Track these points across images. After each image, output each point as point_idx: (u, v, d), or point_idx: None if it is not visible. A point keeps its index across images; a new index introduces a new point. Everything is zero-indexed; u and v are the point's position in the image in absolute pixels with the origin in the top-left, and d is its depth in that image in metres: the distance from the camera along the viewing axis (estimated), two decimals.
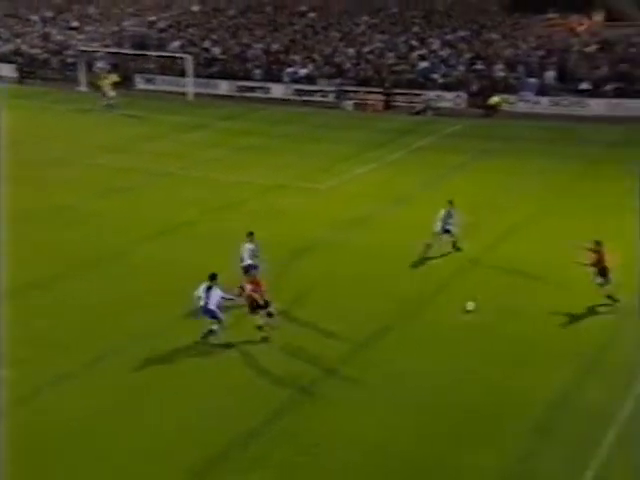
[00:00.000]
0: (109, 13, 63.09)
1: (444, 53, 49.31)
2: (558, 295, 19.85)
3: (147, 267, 22.08)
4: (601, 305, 19.12)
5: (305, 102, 48.54)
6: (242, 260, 19.40)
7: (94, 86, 48.59)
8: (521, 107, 44.49)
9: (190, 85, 50.24)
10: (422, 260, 22.30)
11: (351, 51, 51.86)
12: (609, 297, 19.11)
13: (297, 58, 52.07)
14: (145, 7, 63.65)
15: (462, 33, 51.57)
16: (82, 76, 52.22)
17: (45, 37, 60.13)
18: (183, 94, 50.03)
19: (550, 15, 51.49)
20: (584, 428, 14.33)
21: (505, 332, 18.10)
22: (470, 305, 18.97)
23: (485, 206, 26.97)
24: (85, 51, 53.80)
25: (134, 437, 14.24)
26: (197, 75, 51.19)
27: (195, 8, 62.16)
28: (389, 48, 51.38)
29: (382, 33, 53.72)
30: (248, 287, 17.40)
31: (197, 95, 49.84)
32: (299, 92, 49.84)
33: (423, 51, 49.93)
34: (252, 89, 50.97)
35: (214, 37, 56.67)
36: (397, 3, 57.80)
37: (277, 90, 50.45)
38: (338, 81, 49.00)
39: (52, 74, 55.30)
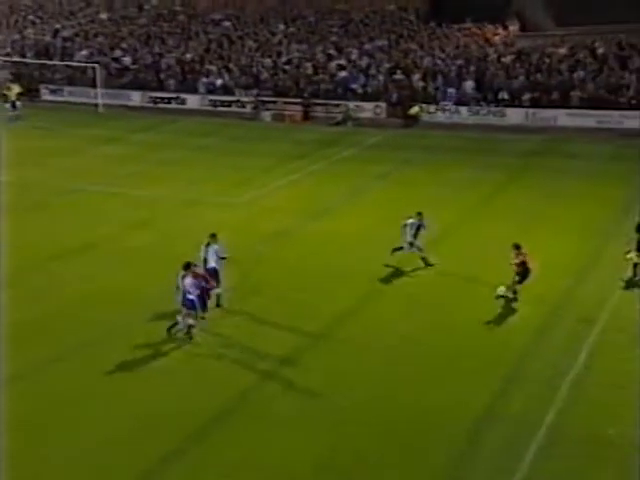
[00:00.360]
0: (9, 20, 61.80)
1: (363, 63, 50.24)
2: (481, 305, 20.54)
3: (53, 288, 21.87)
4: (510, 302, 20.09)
5: (222, 113, 48.69)
6: (206, 262, 20.04)
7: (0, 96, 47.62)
8: (441, 117, 45.68)
9: (100, 96, 49.74)
10: (344, 274, 22.72)
11: (268, 61, 52.26)
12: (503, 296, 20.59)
13: (213, 68, 52.16)
14: (48, 15, 62.60)
15: (380, 43, 52.64)
16: None
17: None
18: (93, 105, 49.48)
19: (467, 25, 53.11)
20: (510, 437, 14.93)
21: (431, 344, 18.63)
22: (501, 290, 20.32)
23: (405, 217, 27.53)
24: None
25: (102, 424, 15.20)
26: (107, 86, 50.81)
27: (103, 16, 61.52)
28: (307, 58, 52.03)
29: (299, 42, 54.35)
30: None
31: (108, 107, 49.43)
32: (215, 103, 49.96)
33: (342, 61, 50.76)
34: (166, 100, 50.86)
35: (124, 46, 56.24)
36: (314, 12, 58.57)
37: (192, 101, 50.47)
38: (255, 92, 49.33)
39: None
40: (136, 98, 51.20)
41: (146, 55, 54.80)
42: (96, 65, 50.53)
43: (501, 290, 20.50)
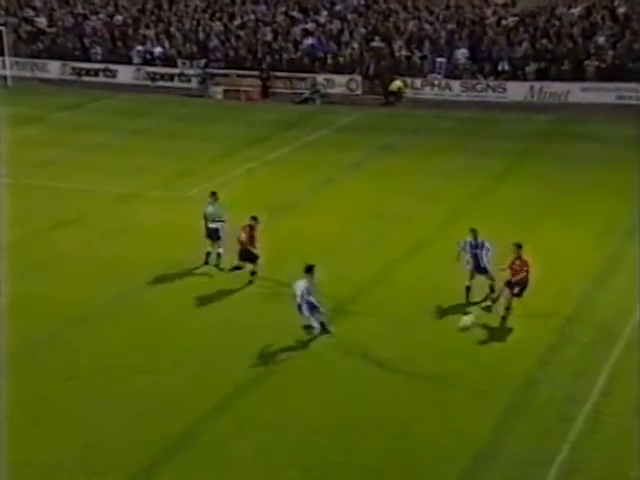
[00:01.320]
0: None
1: (334, 27, 50.38)
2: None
3: None
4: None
5: (162, 89, 48.60)
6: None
7: None
8: (428, 93, 46.02)
9: (9, 66, 49.33)
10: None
11: (218, 24, 52.24)
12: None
13: (149, 33, 52.04)
14: None
15: (354, 2, 52.80)
16: None
17: None
18: (2, 78, 49.11)
19: None
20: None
21: (419, 370, 18.77)
22: (466, 321, 19.99)
23: (385, 214, 27.87)
24: None
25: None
26: (18, 54, 50.43)
27: None
28: (265, 21, 52.06)
29: (256, 2, 54.33)
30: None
31: (19, 79, 49.11)
32: (153, 76, 49.89)
33: (308, 25, 50.85)
34: (92, 72, 50.73)
35: (37, 4, 55.82)
36: None
37: (125, 73, 50.40)
38: (203, 62, 49.33)
39: None
40: (54, 69, 50.98)
41: (66, 16, 54.49)
42: (1, 28, 49.99)
43: (466, 321, 20.16)
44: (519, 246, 20.42)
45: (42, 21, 54.14)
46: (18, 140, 37.66)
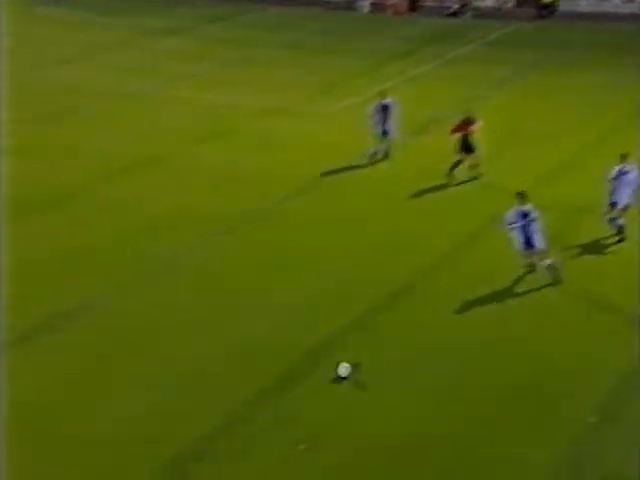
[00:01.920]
0: None
1: None
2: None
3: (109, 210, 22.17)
4: None
5: (309, 2, 48.06)
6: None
7: None
8: (584, 5, 44.18)
9: None
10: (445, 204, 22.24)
11: None
12: None
13: None
14: None
15: None
16: None
17: None
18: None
19: None
20: None
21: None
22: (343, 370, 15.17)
23: (529, 134, 26.77)
24: None
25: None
26: None
27: None
28: None
29: None
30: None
31: None
32: None
33: None
34: None
35: None
36: None
37: None
38: None
39: None
40: None
41: None
42: None
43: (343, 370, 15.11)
44: None
45: None
46: (165, 51, 38.02)
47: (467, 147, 23.07)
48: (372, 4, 47.07)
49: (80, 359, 15.72)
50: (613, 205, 19.57)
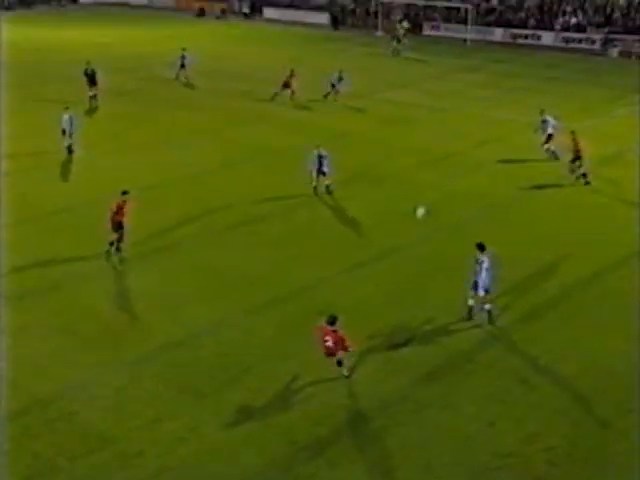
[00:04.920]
0: None
1: None
2: None
3: (420, 186, 22.15)
4: None
5: (572, 49, 44.92)
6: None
7: (389, 32, 48.65)
8: None
9: (469, 32, 48.51)
10: None
11: (622, 1, 46.58)
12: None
13: (569, 8, 47.89)
14: None
15: None
16: (380, 24, 52.57)
17: None
18: (462, 40, 48.45)
19: None
20: None
21: None
22: (420, 211, 15.96)
23: None
24: (383, 2, 53.90)
25: None
26: (475, 23, 49.29)
27: None
28: None
29: None
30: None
31: (474, 41, 48.02)
32: (567, 40, 46.08)
33: None
34: (524, 36, 48.03)
35: None
36: None
37: (547, 38, 47.08)
38: (606, 30, 44.48)
39: (357, 22, 56.32)
40: (498, 34, 49.08)
41: None
42: (469, 6, 49.15)
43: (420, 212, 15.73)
44: None
45: (494, 1, 51.99)
46: (465, 82, 37.07)
47: None
48: (620, 51, 42.99)
49: None
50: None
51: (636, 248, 17.43)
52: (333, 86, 31.69)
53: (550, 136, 23.49)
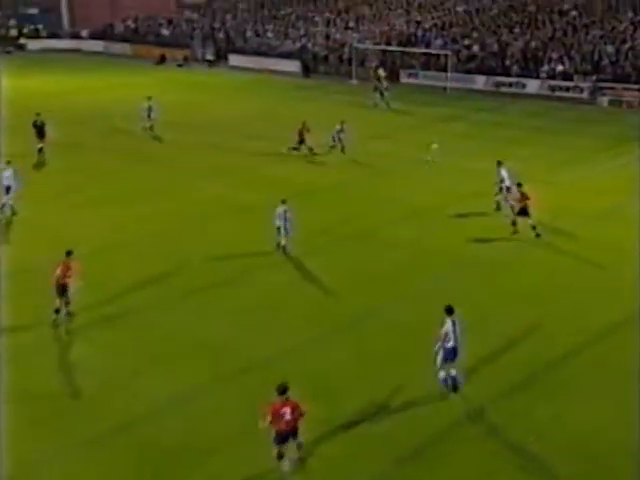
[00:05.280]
0: (381, 13, 64.18)
1: None
2: None
3: (393, 245, 22.52)
4: None
5: (559, 98, 46.42)
6: (502, 181, 23.79)
7: (367, 80, 49.92)
8: None
9: (449, 79, 50.02)
10: None
11: (610, 48, 48.47)
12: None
13: (554, 55, 49.72)
14: (413, 7, 63.96)
15: None
16: (354, 71, 54.00)
17: (326, 36, 62.49)
18: (442, 88, 49.91)
19: None
20: None
21: None
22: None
23: None
24: (357, 49, 55.45)
25: None
26: (456, 70, 50.89)
27: (460, 8, 61.42)
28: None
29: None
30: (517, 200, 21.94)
31: (454, 89, 49.45)
32: (553, 88, 47.68)
33: None
34: (508, 84, 49.59)
35: (475, 35, 55.63)
36: None
37: (532, 86, 48.65)
38: (594, 78, 46.16)
39: (330, 69, 57.72)
40: (480, 81, 50.64)
41: (493, 43, 53.72)
42: (448, 52, 50.84)
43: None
44: None
45: (476, 48, 53.78)
46: (447, 132, 38.07)
47: None
48: (610, 100, 44.52)
49: None
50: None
51: (627, 314, 17.65)
52: (334, 139, 32.38)
53: (502, 189, 24.02)
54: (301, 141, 32.11)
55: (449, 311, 14.39)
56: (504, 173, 24.75)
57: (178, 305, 18.32)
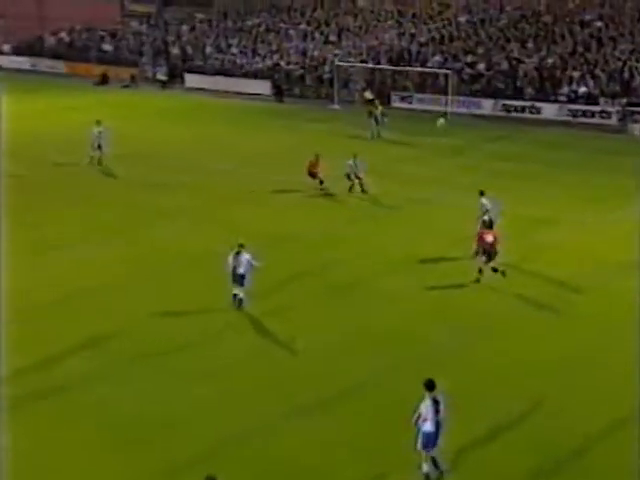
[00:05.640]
0: (368, 25, 65.57)
1: None
2: None
3: (386, 299, 23.04)
4: None
5: (582, 124, 47.69)
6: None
7: (361, 106, 50.74)
8: None
9: (450, 103, 51.19)
10: None
11: None
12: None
13: (575, 74, 51.17)
14: (406, 18, 65.43)
15: None
16: (337, 94, 55.08)
17: (303, 52, 63.69)
18: (442, 114, 50.88)
19: None
20: None
21: None
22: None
23: None
24: (340, 66, 56.51)
25: None
26: (458, 92, 52.09)
27: (461, 19, 63.06)
28: None
29: None
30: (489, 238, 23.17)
31: (457, 115, 50.56)
32: (574, 113, 49.00)
33: None
34: (520, 109, 50.87)
35: (480, 51, 57.12)
36: None
37: (549, 110, 50.02)
38: (624, 101, 47.55)
39: (307, 91, 58.76)
40: (487, 106, 51.88)
41: (502, 60, 55.21)
42: (448, 71, 52.17)
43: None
44: None
45: (481, 66, 55.23)
46: (451, 166, 38.79)
47: None
48: None
49: None
50: None
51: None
52: (349, 177, 33.45)
53: (485, 222, 24.84)
54: (313, 175, 33.78)
55: (429, 386, 14.55)
56: (486, 202, 26.16)
57: (125, 375, 18.52)
